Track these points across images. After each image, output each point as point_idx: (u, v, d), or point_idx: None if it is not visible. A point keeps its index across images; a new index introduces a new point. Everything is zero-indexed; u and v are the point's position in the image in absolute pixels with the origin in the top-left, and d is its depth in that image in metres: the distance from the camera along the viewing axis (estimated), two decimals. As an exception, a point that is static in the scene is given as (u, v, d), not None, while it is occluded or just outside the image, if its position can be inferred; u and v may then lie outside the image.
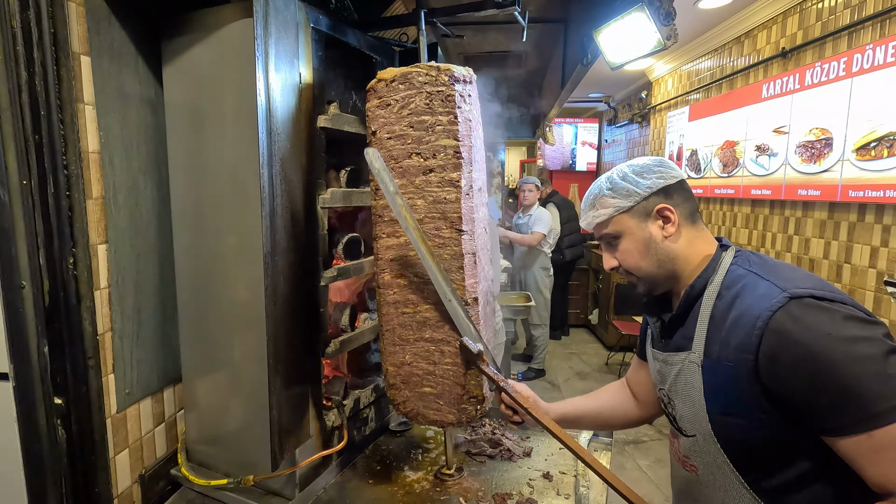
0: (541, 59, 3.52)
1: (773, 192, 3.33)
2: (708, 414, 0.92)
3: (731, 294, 0.91)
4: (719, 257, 0.97)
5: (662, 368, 1.03)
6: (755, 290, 0.87)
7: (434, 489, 1.38)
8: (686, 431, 0.99)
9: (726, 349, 0.87)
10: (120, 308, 1.28)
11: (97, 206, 1.21)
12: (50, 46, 1.05)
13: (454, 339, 1.20)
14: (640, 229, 1.00)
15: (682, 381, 0.97)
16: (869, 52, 2.54)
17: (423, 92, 1.15)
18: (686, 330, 0.97)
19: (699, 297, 0.95)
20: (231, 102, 1.25)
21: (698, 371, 0.92)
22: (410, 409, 1.29)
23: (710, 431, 0.92)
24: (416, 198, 1.18)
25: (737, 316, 0.87)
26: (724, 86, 4.03)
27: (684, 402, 0.97)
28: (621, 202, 1.00)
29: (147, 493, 1.38)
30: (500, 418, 1.74)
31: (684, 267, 0.99)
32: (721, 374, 0.88)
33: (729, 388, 0.88)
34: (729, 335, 0.87)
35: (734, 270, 0.94)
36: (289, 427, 1.27)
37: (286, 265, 1.24)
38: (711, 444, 0.93)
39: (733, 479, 0.92)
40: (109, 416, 1.26)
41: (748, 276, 0.90)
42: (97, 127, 1.19)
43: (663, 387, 1.04)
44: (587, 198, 1.07)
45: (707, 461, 0.96)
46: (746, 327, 0.84)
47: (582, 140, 8.12)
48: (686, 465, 1.02)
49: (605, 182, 1.03)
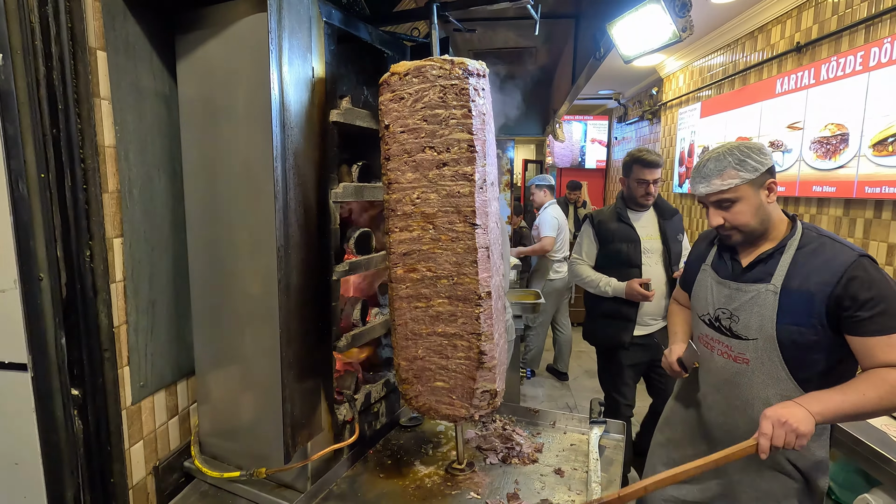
0: (551, 55, 3.51)
1: (786, 188, 3.29)
2: (776, 324, 1.32)
3: (810, 248, 1.33)
4: (796, 222, 1.39)
5: (733, 294, 1.41)
6: (835, 247, 1.30)
7: (445, 483, 1.38)
8: (747, 336, 1.38)
9: (807, 282, 1.29)
10: (135, 301, 1.29)
11: (113, 200, 1.22)
12: (67, 41, 1.06)
13: (466, 334, 1.20)
14: (755, 196, 1.35)
15: (757, 302, 1.36)
16: (887, 45, 2.50)
17: (437, 85, 1.14)
18: (768, 268, 1.36)
19: (782, 249, 1.36)
20: (245, 97, 1.26)
21: (775, 296, 1.33)
22: (423, 404, 1.30)
23: (774, 335, 1.33)
24: (429, 191, 1.18)
25: (822, 262, 1.28)
26: (737, 81, 3.98)
27: (752, 316, 1.36)
28: (747, 175, 1.33)
29: (161, 484, 1.39)
30: (511, 414, 1.74)
31: (773, 226, 1.39)
32: (796, 299, 1.30)
33: (800, 308, 1.29)
34: (811, 273, 1.29)
35: (808, 234, 1.36)
36: (301, 420, 1.28)
37: (299, 259, 1.24)
38: (770, 344, 1.34)
39: (780, 369, 1.34)
40: (124, 407, 1.27)
41: (823, 238, 1.33)
42: (113, 122, 1.20)
43: (727, 307, 1.42)
44: (706, 168, 1.38)
45: (761, 356, 1.36)
46: (832, 268, 1.26)
47: (591, 137, 8.08)
48: (738, 360, 1.41)
49: (733, 157, 1.34)
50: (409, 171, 1.18)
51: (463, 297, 1.18)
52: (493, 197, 1.25)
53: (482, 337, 1.19)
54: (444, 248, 1.18)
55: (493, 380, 1.21)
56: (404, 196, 1.20)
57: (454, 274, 1.18)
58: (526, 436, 1.60)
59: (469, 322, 1.19)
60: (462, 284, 1.18)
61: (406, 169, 1.19)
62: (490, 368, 1.22)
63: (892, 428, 1.89)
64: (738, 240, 1.40)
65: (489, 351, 1.20)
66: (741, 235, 1.39)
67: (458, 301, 1.19)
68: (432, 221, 1.18)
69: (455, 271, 1.18)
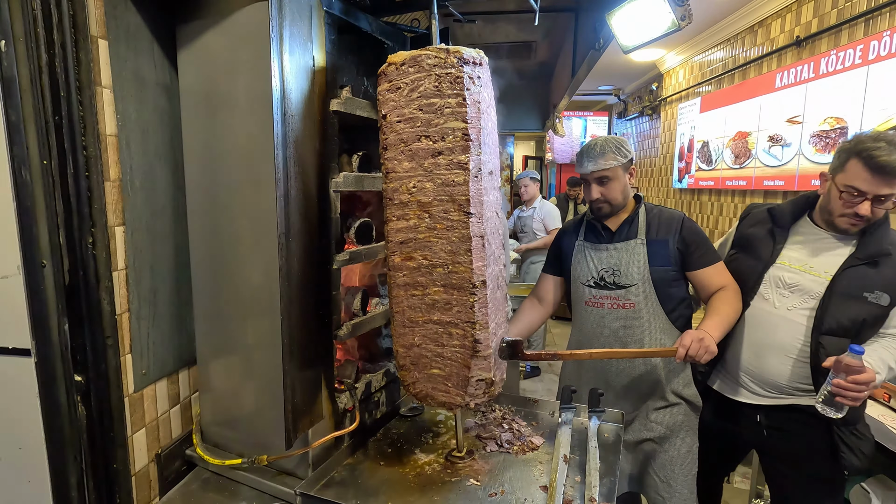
0: (551, 49, 3.51)
1: (786, 182, 3.29)
2: (649, 267, 1.74)
3: (654, 213, 1.81)
4: (641, 198, 1.86)
5: (611, 254, 1.79)
6: (669, 211, 1.82)
7: (444, 471, 1.39)
8: (629, 283, 1.75)
9: (660, 233, 1.76)
10: (137, 289, 1.30)
11: (115, 189, 1.22)
12: (69, 29, 1.07)
13: (461, 322, 1.20)
14: (623, 177, 1.77)
15: (633, 254, 1.76)
16: (886, 39, 2.50)
17: (433, 74, 1.15)
18: (632, 229, 1.79)
19: (636, 215, 1.81)
20: (245, 86, 1.26)
21: (643, 247, 1.76)
22: (420, 391, 1.31)
23: (649, 277, 1.74)
24: (425, 180, 1.18)
25: (665, 220, 1.78)
26: (737, 76, 3.98)
27: (632, 265, 1.75)
28: (622, 159, 1.74)
29: (163, 471, 1.40)
30: (511, 404, 1.75)
31: (628, 202, 1.83)
32: (657, 245, 1.75)
33: (662, 252, 1.74)
34: (660, 228, 1.77)
35: (648, 205, 1.84)
36: (302, 407, 1.29)
37: (300, 248, 1.25)
38: (648, 285, 1.74)
39: (657, 304, 1.75)
40: (127, 395, 1.28)
41: (659, 207, 1.84)
42: (114, 110, 1.21)
43: (609, 265, 1.79)
44: (593, 151, 1.75)
45: (643, 297, 1.75)
46: (671, 222, 1.77)
47: (591, 133, 8.07)
48: (627, 306, 1.77)
49: (612, 144, 1.75)
50: (405, 160, 1.19)
51: (458, 285, 1.19)
52: (493, 186, 1.26)
53: (477, 326, 1.20)
54: (440, 236, 1.19)
55: (487, 368, 1.22)
56: (401, 185, 1.21)
57: (449, 262, 1.19)
58: (525, 425, 1.61)
59: (464, 310, 1.20)
60: (457, 273, 1.19)
61: (403, 158, 1.19)
62: (485, 357, 1.22)
63: (889, 418, 1.90)
64: (607, 211, 1.79)
65: (484, 340, 1.21)
66: (610, 207, 1.78)
67: (453, 289, 1.20)
68: (428, 210, 1.19)
69: (450, 260, 1.18)
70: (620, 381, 1.83)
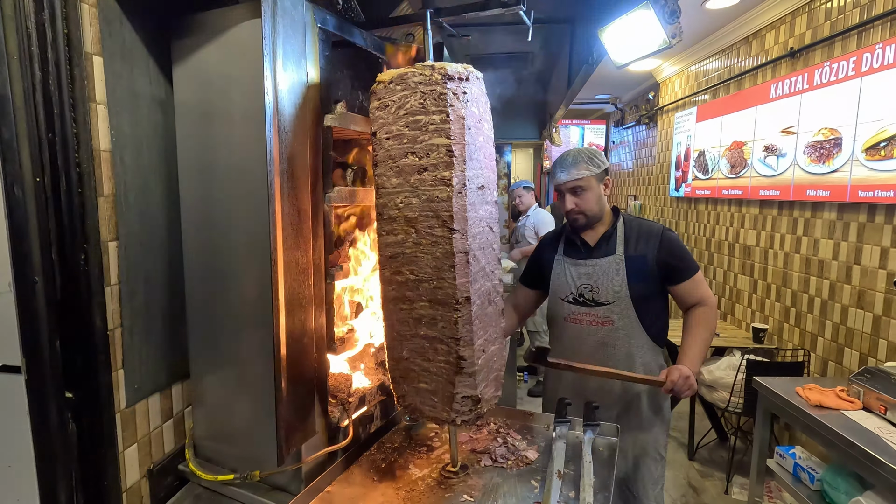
0: (547, 60, 3.53)
1: (781, 192, 3.31)
2: (628, 285, 1.74)
3: (632, 227, 1.80)
4: (619, 211, 1.85)
5: (591, 269, 1.78)
6: (647, 224, 1.81)
7: (438, 486, 1.38)
8: (608, 301, 1.76)
9: (638, 249, 1.76)
10: (129, 304, 1.30)
11: (108, 204, 1.23)
12: (63, 47, 1.07)
13: (446, 338, 1.20)
14: (597, 188, 1.77)
15: (611, 271, 1.76)
16: (878, 51, 2.52)
17: (418, 92, 1.16)
18: (610, 246, 1.79)
19: (615, 229, 1.80)
20: (240, 102, 1.27)
21: (622, 263, 1.75)
22: (409, 404, 1.30)
23: (628, 294, 1.74)
24: (411, 196, 1.19)
25: (644, 234, 1.77)
26: (732, 86, 4.01)
27: (610, 282, 1.75)
28: (595, 169, 1.75)
29: (155, 487, 1.40)
30: (506, 418, 1.75)
31: (606, 214, 1.82)
32: (636, 261, 1.74)
33: (641, 268, 1.74)
34: (639, 242, 1.76)
35: (627, 217, 1.84)
36: (295, 423, 1.28)
37: (293, 262, 1.25)
38: (626, 303, 1.74)
39: (635, 322, 1.76)
40: (119, 410, 1.28)
41: (638, 220, 1.83)
42: (109, 126, 1.22)
43: (588, 281, 1.78)
44: (566, 162, 1.76)
45: (621, 315, 1.75)
46: (651, 236, 1.76)
47: (589, 142, 8.10)
48: (605, 323, 1.77)
49: (585, 154, 1.76)
50: (393, 176, 1.20)
51: (442, 300, 1.19)
52: (484, 201, 1.26)
53: (461, 342, 1.19)
54: (425, 251, 1.19)
55: (473, 386, 1.21)
56: (389, 200, 1.21)
57: (434, 278, 1.19)
58: (519, 438, 1.60)
59: (448, 326, 1.19)
60: (441, 289, 1.19)
61: (391, 174, 1.20)
62: (470, 374, 1.22)
63: (885, 431, 1.89)
64: (583, 222, 1.79)
65: (468, 357, 1.20)
66: (585, 219, 1.78)
67: (438, 305, 1.20)
68: (414, 225, 1.19)
69: (435, 275, 1.19)
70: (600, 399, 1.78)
